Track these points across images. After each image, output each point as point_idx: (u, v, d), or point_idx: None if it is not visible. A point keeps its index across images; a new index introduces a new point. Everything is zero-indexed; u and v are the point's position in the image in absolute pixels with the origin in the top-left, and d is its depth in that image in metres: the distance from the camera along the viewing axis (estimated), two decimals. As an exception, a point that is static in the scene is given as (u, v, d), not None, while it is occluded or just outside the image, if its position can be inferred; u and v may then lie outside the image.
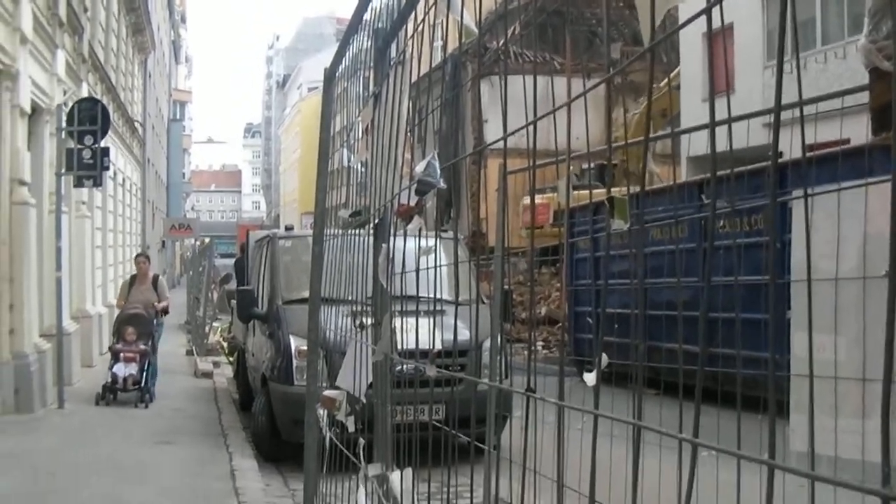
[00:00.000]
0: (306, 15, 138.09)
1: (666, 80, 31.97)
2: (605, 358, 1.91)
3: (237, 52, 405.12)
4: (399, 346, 3.81)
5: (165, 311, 17.16)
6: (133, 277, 17.24)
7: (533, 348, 2.95)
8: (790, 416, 4.74)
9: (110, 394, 14.97)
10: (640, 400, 1.65)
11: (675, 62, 32.56)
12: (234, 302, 17.48)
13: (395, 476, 3.46)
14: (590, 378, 1.95)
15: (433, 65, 3.27)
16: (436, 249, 3.30)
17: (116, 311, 16.98)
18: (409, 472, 3.38)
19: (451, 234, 6.19)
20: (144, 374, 15.26)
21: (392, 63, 3.95)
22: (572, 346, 21.02)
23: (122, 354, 15.21)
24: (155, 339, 16.18)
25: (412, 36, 3.38)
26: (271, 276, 12.98)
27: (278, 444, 11.46)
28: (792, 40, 2.00)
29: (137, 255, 18.58)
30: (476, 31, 2.54)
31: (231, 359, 20.70)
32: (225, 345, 23.83)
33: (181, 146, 70.03)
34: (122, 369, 15.12)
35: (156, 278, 17.28)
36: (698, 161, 25.02)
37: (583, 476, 2.05)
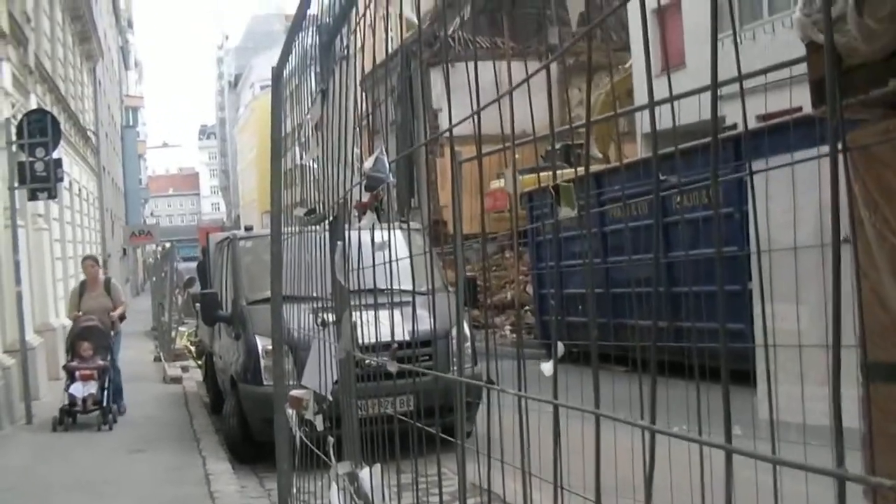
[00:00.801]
0: (255, 13, 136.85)
1: (630, 61, 32.04)
2: (561, 347, 1.89)
3: (187, 53, 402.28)
4: (363, 341, 3.79)
5: (122, 318, 15.61)
6: (83, 284, 15.55)
7: (495, 336, 2.94)
8: (757, 385, 4.76)
9: (68, 417, 13.57)
10: (597, 387, 1.64)
11: (626, 40, 32.65)
12: (198, 305, 17.32)
13: (364, 473, 3.45)
14: (547, 368, 1.94)
15: (384, 56, 3.26)
16: (390, 241, 3.29)
17: (69, 324, 15.54)
18: (377, 468, 3.37)
19: (410, 224, 6.18)
20: (106, 392, 13.91)
21: (337, 58, 3.93)
22: (539, 328, 21.08)
23: (78, 373, 13.80)
24: (114, 352, 14.80)
25: (354, 30, 3.36)
26: (234, 277, 12.93)
27: (251, 446, 11.40)
28: (731, 15, 2.01)
29: (85, 259, 16.80)
30: (415, 21, 2.53)
31: (199, 362, 20.58)
32: (192, 349, 23.69)
33: (136, 152, 69.50)
34: (79, 389, 13.67)
35: (108, 282, 15.77)
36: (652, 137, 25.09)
37: (551, 460, 2.05)
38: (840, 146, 1.33)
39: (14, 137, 15.07)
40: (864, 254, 2.22)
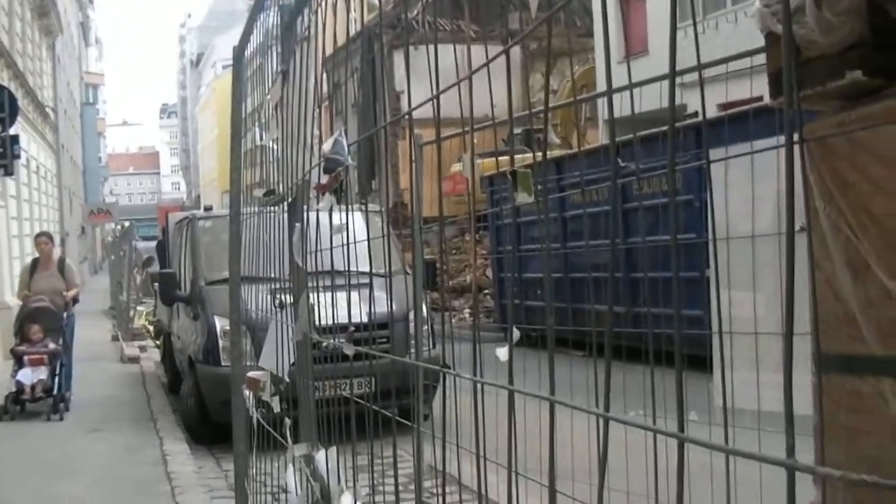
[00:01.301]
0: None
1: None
2: (516, 332, 1.90)
3: (148, 31, 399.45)
4: (320, 323, 3.79)
5: (75, 300, 14.40)
6: (35, 262, 14.32)
7: (452, 319, 2.95)
8: (713, 372, 4.80)
9: (16, 406, 12.55)
10: (552, 373, 1.65)
11: (590, 26, 32.73)
12: (157, 285, 17.20)
13: (320, 455, 3.45)
14: (502, 353, 1.95)
15: (348, 38, 3.25)
16: (348, 223, 3.28)
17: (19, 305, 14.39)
18: (333, 451, 3.37)
19: (369, 206, 6.17)
20: (57, 378, 12.92)
21: (298, 39, 3.91)
22: (498, 312, 21.15)
23: (27, 357, 12.74)
24: (67, 336, 13.66)
25: (315, 11, 3.34)
26: (193, 257, 12.88)
27: (209, 426, 11.37)
28: (691, 5, 2.02)
29: (38, 235, 15.31)
30: (377, 2, 2.52)
31: (157, 342, 20.50)
32: (150, 328, 23.58)
33: (96, 130, 68.89)
34: (28, 375, 12.56)
35: (62, 261, 14.47)
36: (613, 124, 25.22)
37: (504, 444, 2.05)
38: (796, 137, 1.33)
39: (-30, 113, 14.91)
40: (818, 245, 2.24)
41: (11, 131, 15.24)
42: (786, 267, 1.10)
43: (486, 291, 22.84)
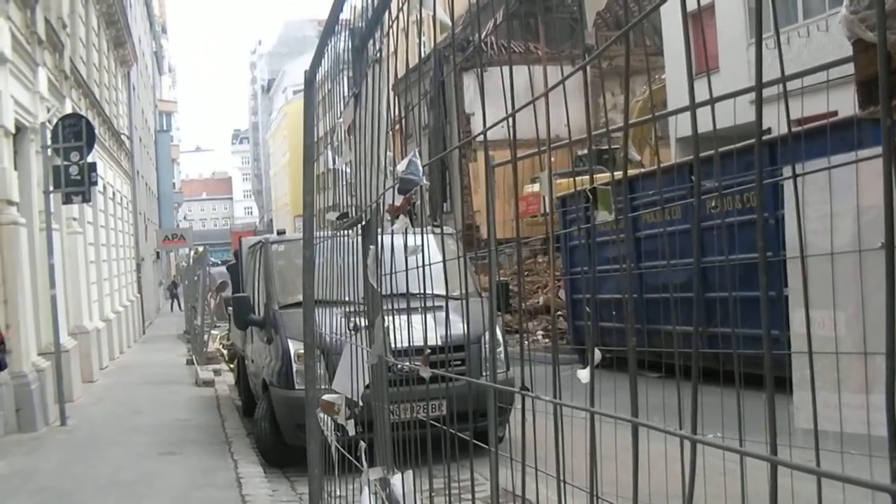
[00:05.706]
0: (287, 19, 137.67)
1: (664, 75, 31.98)
2: (598, 354, 1.86)
3: (220, 59, 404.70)
4: (395, 345, 3.78)
5: None
6: None
7: (525, 341, 2.92)
8: (793, 393, 4.70)
9: None
10: (635, 395, 1.61)
11: (660, 45, 32.57)
12: (231, 309, 17.33)
13: (396, 479, 3.43)
14: (584, 375, 1.91)
15: (420, 60, 3.25)
16: (423, 246, 3.26)
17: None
18: (409, 474, 3.35)
19: (443, 229, 6.15)
20: None
21: (370, 62, 3.92)
22: (572, 333, 21.01)
23: None
24: None
25: (387, 33, 3.34)
26: (266, 281, 12.95)
27: (283, 449, 11.42)
28: (772, 17, 1.98)
29: None
30: (449, 23, 2.51)
31: (231, 366, 20.65)
32: (225, 352, 23.79)
33: (170, 156, 69.75)
34: None
35: None
36: (687, 142, 25.09)
37: (583, 466, 2.02)
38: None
39: (49, 141, 15.18)
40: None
41: (89, 159, 15.49)
42: (885, 271, 1.06)
43: (560, 313, 22.71)
